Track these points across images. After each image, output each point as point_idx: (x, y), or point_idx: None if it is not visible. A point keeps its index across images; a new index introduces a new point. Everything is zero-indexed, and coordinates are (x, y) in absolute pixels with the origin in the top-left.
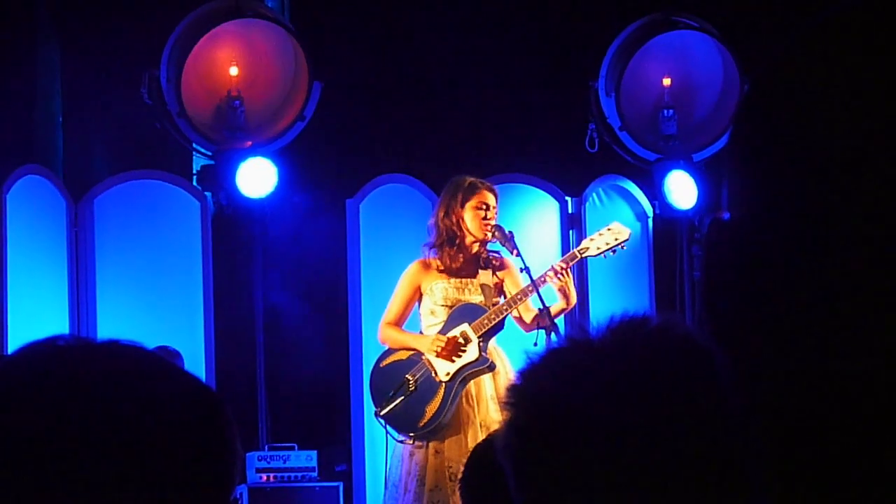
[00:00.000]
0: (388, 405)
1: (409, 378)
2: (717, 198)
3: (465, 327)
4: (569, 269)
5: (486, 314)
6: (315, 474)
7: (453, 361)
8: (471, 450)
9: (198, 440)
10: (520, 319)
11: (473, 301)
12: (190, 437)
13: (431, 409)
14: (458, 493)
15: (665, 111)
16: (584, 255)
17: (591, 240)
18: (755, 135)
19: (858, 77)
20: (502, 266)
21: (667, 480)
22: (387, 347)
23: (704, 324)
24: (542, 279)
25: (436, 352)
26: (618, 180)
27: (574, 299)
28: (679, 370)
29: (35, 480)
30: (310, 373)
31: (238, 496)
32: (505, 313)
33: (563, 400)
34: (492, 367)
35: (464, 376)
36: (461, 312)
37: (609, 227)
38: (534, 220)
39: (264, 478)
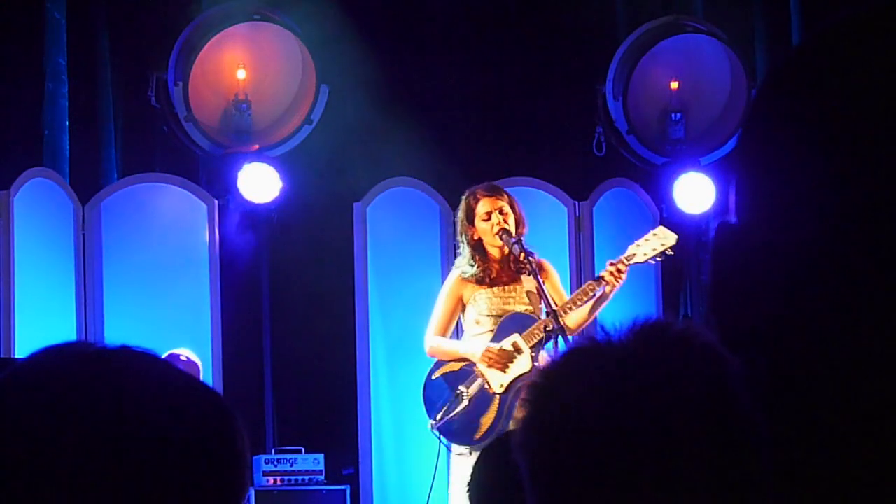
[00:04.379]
0: (442, 417)
1: (464, 390)
2: (724, 201)
3: (516, 338)
4: (622, 272)
5: (536, 324)
6: (322, 478)
7: (506, 373)
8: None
9: (208, 449)
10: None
11: (519, 310)
12: (200, 446)
13: (487, 420)
14: None
15: (673, 115)
16: (631, 263)
17: (637, 246)
18: (772, 132)
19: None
20: (542, 269)
21: (682, 484)
22: (435, 360)
23: (710, 329)
24: (593, 287)
25: (487, 363)
26: (625, 184)
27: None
28: (699, 377)
29: (44, 487)
30: (317, 376)
31: (245, 500)
32: (557, 323)
33: (581, 400)
34: None
35: (518, 387)
36: (511, 322)
37: (655, 232)
38: (542, 224)
39: (271, 481)
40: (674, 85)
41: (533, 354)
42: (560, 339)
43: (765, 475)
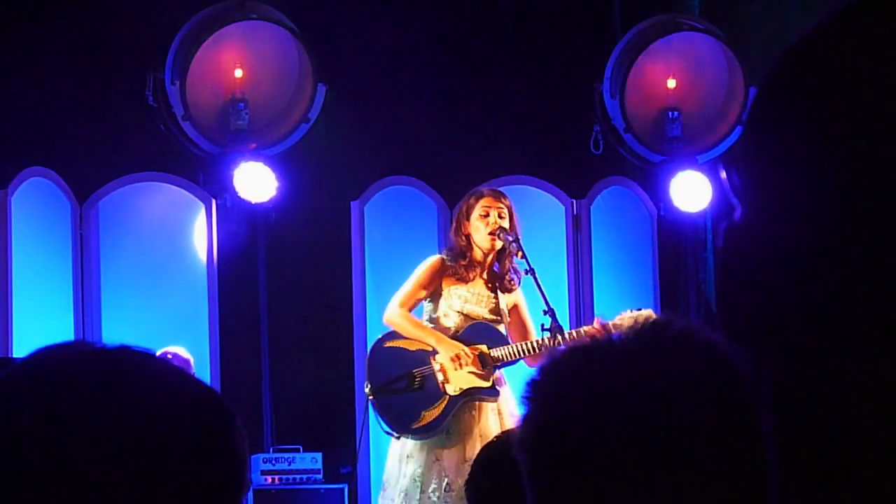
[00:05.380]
0: (385, 392)
1: (416, 375)
2: (723, 198)
3: (483, 349)
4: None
5: (508, 349)
6: (320, 476)
7: (467, 380)
8: (468, 460)
9: (207, 448)
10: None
11: (487, 318)
12: (199, 445)
13: (430, 416)
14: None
15: (670, 113)
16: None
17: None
18: (776, 128)
19: None
20: (516, 291)
21: (682, 482)
22: (390, 329)
23: (717, 326)
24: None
25: (456, 363)
26: (623, 182)
27: None
28: (700, 374)
29: (43, 486)
30: (315, 375)
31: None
32: (523, 356)
33: (582, 398)
34: (496, 397)
35: (469, 396)
36: (479, 331)
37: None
38: (539, 223)
39: (269, 480)
40: (671, 83)
41: (496, 376)
42: (559, 336)
43: (769, 470)
